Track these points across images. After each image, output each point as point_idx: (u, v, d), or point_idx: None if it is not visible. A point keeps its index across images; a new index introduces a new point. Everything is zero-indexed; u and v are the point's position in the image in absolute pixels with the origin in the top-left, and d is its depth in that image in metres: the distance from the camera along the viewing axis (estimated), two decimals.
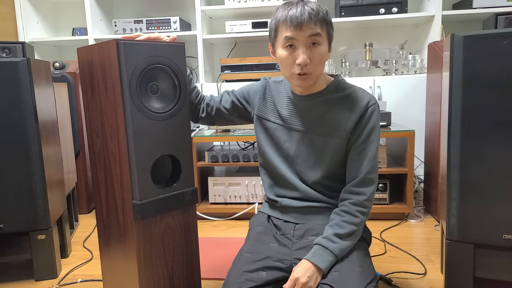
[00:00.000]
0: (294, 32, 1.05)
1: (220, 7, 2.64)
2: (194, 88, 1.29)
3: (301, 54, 1.06)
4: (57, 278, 1.59)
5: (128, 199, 1.11)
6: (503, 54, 1.15)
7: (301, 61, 1.06)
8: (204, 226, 2.11)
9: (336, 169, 1.18)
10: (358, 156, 1.15)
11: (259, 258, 1.12)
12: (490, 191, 1.21)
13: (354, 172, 1.15)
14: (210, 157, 2.16)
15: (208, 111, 1.31)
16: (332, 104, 1.16)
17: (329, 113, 1.16)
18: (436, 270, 1.55)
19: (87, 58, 1.15)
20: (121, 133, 1.08)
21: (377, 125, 1.15)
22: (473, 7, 2.41)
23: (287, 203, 1.21)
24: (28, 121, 1.47)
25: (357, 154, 1.15)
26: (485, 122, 1.19)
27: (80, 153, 2.33)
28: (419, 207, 2.23)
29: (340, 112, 1.15)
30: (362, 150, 1.14)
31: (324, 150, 1.16)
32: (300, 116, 1.18)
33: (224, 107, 1.30)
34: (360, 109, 1.13)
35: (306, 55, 1.06)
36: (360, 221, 1.13)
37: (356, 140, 1.14)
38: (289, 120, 1.20)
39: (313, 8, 1.05)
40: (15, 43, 1.64)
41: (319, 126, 1.16)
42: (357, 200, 1.13)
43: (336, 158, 1.17)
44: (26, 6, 2.86)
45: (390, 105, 2.50)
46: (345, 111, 1.14)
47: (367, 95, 1.16)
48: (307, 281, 1.03)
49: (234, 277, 1.08)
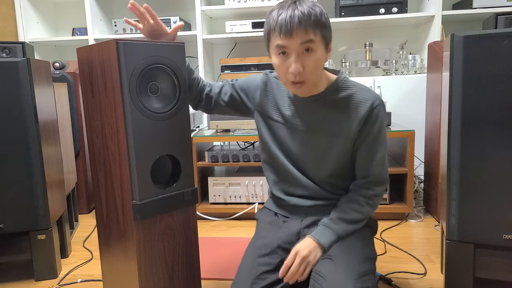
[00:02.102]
0: (285, 40, 0.99)
1: (220, 7, 2.64)
2: (195, 78, 1.26)
3: (293, 63, 1.00)
4: (57, 278, 1.59)
5: (128, 199, 1.11)
6: (503, 54, 1.15)
7: (293, 70, 1.01)
8: (204, 226, 2.11)
9: (342, 168, 1.17)
10: (366, 158, 1.13)
11: (270, 243, 1.13)
12: (490, 191, 1.21)
13: (363, 173, 1.15)
14: (210, 157, 2.16)
15: (207, 101, 1.28)
16: (334, 106, 1.12)
17: (332, 115, 1.12)
18: (436, 270, 1.55)
19: (87, 58, 1.15)
20: (121, 133, 1.08)
21: (384, 126, 1.12)
22: (473, 7, 2.41)
23: (295, 202, 1.20)
24: (28, 121, 1.47)
25: (365, 155, 1.13)
26: (485, 122, 1.19)
27: (80, 153, 2.33)
28: (419, 207, 2.23)
29: (343, 114, 1.11)
30: (371, 151, 1.12)
31: (329, 150, 1.14)
32: (302, 116, 1.15)
33: (223, 100, 1.27)
34: (365, 112, 1.09)
35: (299, 63, 1.00)
36: (366, 211, 1.14)
37: (363, 142, 1.12)
38: (291, 120, 1.17)
39: (304, 12, 0.97)
40: (15, 43, 1.64)
41: (323, 128, 1.14)
42: (365, 193, 1.14)
43: (342, 158, 1.15)
44: (26, 6, 2.86)
45: (390, 105, 2.50)
46: (348, 113, 1.11)
47: (371, 95, 1.11)
48: (307, 254, 1.04)
49: (247, 265, 1.10)
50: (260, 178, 2.12)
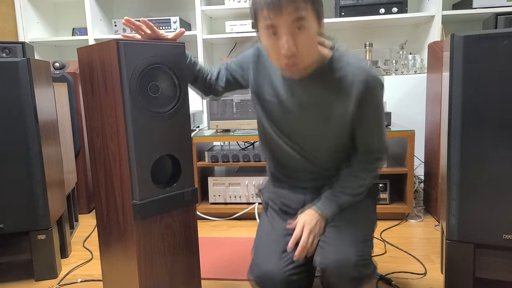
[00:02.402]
0: (275, 19, 0.92)
1: (220, 7, 2.64)
2: (199, 69, 1.25)
3: (285, 44, 0.93)
4: (57, 278, 1.59)
5: (128, 199, 1.11)
6: (503, 54, 1.15)
7: (286, 51, 0.94)
8: (204, 226, 2.11)
9: (340, 146, 1.15)
10: (365, 132, 1.12)
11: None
12: (490, 191, 1.21)
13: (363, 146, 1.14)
14: (210, 157, 2.16)
15: (210, 89, 1.28)
16: (329, 86, 1.06)
17: (327, 95, 1.07)
18: (436, 270, 1.55)
19: (87, 58, 1.16)
20: (121, 133, 1.08)
21: (380, 103, 1.09)
22: (473, 7, 2.41)
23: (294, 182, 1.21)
24: (28, 121, 1.47)
25: (364, 131, 1.12)
26: (485, 122, 1.19)
27: (80, 153, 2.33)
28: (419, 207, 2.23)
29: (338, 93, 1.06)
30: (369, 127, 1.11)
31: (326, 129, 1.11)
32: (296, 96, 1.10)
33: (221, 86, 1.25)
34: (361, 90, 1.04)
35: (292, 43, 0.93)
36: (367, 183, 1.15)
37: (361, 119, 1.09)
38: (285, 100, 1.12)
39: None
40: (15, 43, 1.64)
41: (318, 108, 1.09)
42: (366, 166, 1.15)
43: (339, 137, 1.13)
44: (26, 6, 2.86)
45: (390, 105, 2.50)
46: (344, 93, 1.06)
47: (366, 73, 1.04)
48: (314, 226, 1.08)
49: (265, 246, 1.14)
50: (260, 178, 2.12)
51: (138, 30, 1.15)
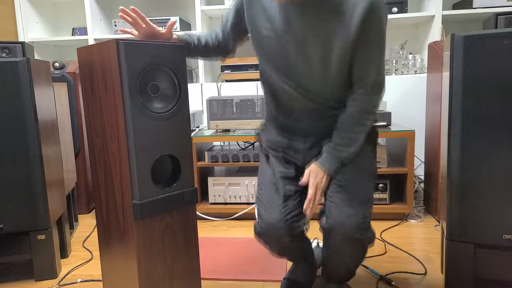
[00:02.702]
0: None
1: (220, 7, 2.64)
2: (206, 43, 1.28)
3: None
4: (57, 278, 1.59)
5: (128, 199, 1.11)
6: (503, 54, 1.15)
7: None
8: (204, 226, 2.11)
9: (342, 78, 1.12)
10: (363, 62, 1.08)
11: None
12: (490, 191, 1.21)
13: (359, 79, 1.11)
14: (210, 157, 2.16)
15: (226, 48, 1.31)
16: (328, 11, 1.02)
17: (326, 22, 1.03)
18: (436, 270, 1.55)
19: (87, 58, 1.15)
20: (121, 133, 1.08)
21: (383, 29, 1.05)
22: (473, 7, 2.41)
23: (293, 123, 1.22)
24: (28, 121, 1.47)
25: (362, 60, 1.07)
26: (485, 122, 1.19)
27: (80, 153, 2.33)
28: (419, 207, 2.23)
29: (339, 18, 1.02)
30: (368, 55, 1.07)
31: (327, 62, 1.08)
32: (294, 26, 1.06)
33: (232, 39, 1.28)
34: (363, 15, 1.00)
35: None
36: (365, 129, 1.16)
37: (361, 46, 1.05)
38: (282, 32, 1.09)
39: None
40: (15, 43, 1.64)
41: (317, 37, 1.05)
42: (363, 107, 1.13)
43: (341, 69, 1.09)
44: (26, 6, 2.86)
45: (390, 105, 2.50)
46: (344, 18, 1.01)
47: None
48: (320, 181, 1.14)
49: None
50: None
51: (135, 25, 1.17)
